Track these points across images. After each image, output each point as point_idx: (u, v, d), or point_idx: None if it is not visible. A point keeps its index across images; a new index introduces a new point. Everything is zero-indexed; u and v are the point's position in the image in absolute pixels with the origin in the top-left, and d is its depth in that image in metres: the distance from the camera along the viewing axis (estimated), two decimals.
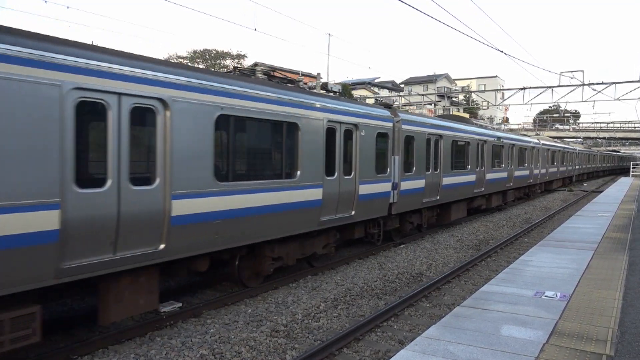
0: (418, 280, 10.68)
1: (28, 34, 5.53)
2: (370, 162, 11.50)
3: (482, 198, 20.36)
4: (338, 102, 10.72)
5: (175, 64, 7.61)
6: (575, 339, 5.30)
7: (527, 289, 7.28)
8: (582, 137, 69.27)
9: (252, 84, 8.38)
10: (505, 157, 22.33)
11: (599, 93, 33.89)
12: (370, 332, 7.44)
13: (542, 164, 30.00)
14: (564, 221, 16.11)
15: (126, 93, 6.23)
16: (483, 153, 19.30)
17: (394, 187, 12.59)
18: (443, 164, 15.61)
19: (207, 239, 7.42)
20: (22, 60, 5.22)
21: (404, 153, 13.14)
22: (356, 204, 10.98)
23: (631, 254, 10.03)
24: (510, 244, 15.12)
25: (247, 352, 6.50)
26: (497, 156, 21.16)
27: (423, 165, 14.25)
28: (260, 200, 8.33)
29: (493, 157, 20.55)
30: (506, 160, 22.39)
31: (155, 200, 6.60)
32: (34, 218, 5.30)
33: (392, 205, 12.67)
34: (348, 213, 10.86)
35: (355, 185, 10.98)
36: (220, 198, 7.55)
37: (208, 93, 7.38)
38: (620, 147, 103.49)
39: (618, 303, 6.63)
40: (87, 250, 5.85)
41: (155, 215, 6.58)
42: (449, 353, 4.86)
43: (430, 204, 14.95)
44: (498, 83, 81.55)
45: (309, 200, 9.57)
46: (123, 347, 6.68)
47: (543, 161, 30.12)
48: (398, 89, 68.20)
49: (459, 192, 17.09)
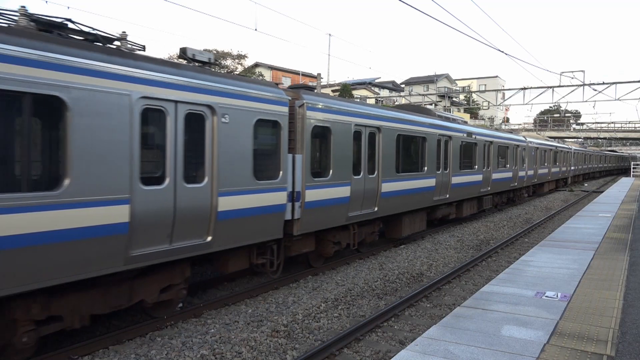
0: (418, 280, 10.68)
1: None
2: (242, 162, 8.00)
3: (449, 206, 17.10)
4: (171, 70, 7.00)
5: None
6: (576, 339, 5.29)
7: (527, 289, 7.27)
8: (583, 137, 69.23)
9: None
10: (480, 156, 19.03)
11: (599, 93, 33.91)
12: (371, 332, 7.44)
13: (530, 165, 26.94)
14: (565, 221, 16.11)
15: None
16: (447, 151, 16.06)
17: (293, 197, 9.24)
18: (383, 165, 12.01)
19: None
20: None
21: (311, 150, 9.76)
22: (214, 227, 7.49)
23: (632, 254, 10.02)
24: (510, 244, 15.12)
25: (248, 352, 6.50)
26: (467, 156, 17.92)
27: (349, 167, 10.72)
28: None
29: (462, 157, 17.28)
30: (481, 160, 19.14)
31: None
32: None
33: (293, 223, 9.34)
34: (197, 240, 7.35)
35: (212, 200, 7.47)
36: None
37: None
38: (621, 147, 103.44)
39: (619, 303, 6.62)
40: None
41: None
42: (449, 353, 4.86)
43: (364, 217, 11.51)
44: (499, 83, 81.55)
45: None
46: (124, 347, 6.68)
47: (531, 161, 27.00)
48: (399, 89, 68.21)
49: (410, 201, 13.53)
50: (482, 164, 19.32)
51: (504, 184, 22.48)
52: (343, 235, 11.28)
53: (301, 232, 9.51)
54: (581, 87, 34.06)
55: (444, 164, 15.80)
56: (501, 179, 21.87)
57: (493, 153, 20.60)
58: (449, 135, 16.00)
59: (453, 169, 16.33)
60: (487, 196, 20.78)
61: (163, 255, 6.79)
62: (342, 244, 11.30)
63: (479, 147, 19.02)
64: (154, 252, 6.66)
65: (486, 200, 20.68)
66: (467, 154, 17.84)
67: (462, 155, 17.30)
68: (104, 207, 5.96)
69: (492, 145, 20.54)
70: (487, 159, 20.09)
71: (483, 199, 20.27)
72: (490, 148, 20.35)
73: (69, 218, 5.61)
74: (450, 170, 16.13)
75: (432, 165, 14.80)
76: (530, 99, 37.18)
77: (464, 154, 17.49)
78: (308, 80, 53.63)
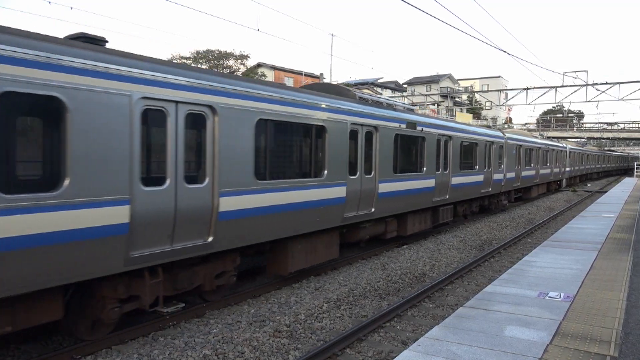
0: (421, 280, 10.67)
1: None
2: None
3: (378, 223, 12.25)
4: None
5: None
6: (579, 339, 5.28)
7: (530, 290, 7.26)
8: (586, 137, 69.07)
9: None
10: (431, 155, 14.34)
11: (602, 93, 33.80)
12: (373, 333, 7.43)
13: (510, 166, 22.38)
14: (568, 221, 16.08)
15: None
16: (373, 149, 11.52)
17: None
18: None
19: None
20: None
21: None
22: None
23: (635, 254, 10.00)
24: (513, 244, 15.09)
25: (250, 352, 6.51)
26: (411, 154, 13.51)
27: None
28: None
29: (401, 157, 12.78)
30: (433, 160, 14.48)
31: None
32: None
33: None
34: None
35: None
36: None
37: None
38: (624, 148, 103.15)
39: (622, 304, 6.60)
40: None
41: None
42: (452, 354, 4.85)
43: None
44: (501, 83, 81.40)
45: None
46: (126, 347, 6.69)
47: (511, 162, 22.57)
48: (401, 89, 68.15)
49: (297, 219, 9.16)
50: (434, 166, 14.54)
51: (472, 189, 18.03)
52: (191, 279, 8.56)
53: None
54: (584, 87, 33.97)
55: (366, 166, 11.20)
56: (467, 184, 17.32)
57: (453, 151, 15.95)
58: (373, 125, 11.36)
59: (382, 172, 11.70)
60: (445, 207, 15.99)
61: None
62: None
63: (429, 143, 14.21)
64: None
65: (445, 212, 15.92)
66: (409, 152, 13.41)
67: (401, 153, 12.76)
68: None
69: (452, 142, 15.87)
70: (445, 159, 15.42)
71: (439, 210, 15.57)
72: (448, 145, 15.69)
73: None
74: (377, 175, 11.49)
75: (340, 168, 10.19)
76: (533, 99, 37.15)
77: (404, 152, 13.01)
78: (310, 81, 53.66)
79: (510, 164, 22.58)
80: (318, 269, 10.94)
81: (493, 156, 20.11)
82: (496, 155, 20.53)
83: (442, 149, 15.27)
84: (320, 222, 9.77)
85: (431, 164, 14.39)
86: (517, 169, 23.83)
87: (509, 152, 22.26)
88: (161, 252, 6.68)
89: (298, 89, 10.29)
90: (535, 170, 27.48)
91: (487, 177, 19.44)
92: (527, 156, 25.74)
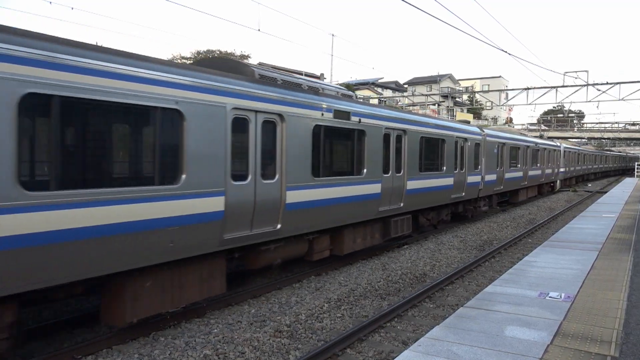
0: (421, 280, 10.67)
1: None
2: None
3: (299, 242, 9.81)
4: None
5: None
6: (579, 340, 5.28)
7: (531, 290, 7.26)
8: (587, 137, 69.10)
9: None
10: (374, 153, 11.41)
11: (603, 93, 33.81)
12: (374, 333, 7.44)
13: (490, 167, 19.49)
14: (569, 222, 16.07)
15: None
16: (282, 145, 8.79)
17: None
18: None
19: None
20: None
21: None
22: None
23: (636, 254, 9.99)
24: (514, 244, 15.08)
25: (251, 352, 6.51)
26: (342, 153, 10.90)
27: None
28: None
29: (330, 156, 10.28)
30: (376, 160, 11.52)
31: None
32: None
33: None
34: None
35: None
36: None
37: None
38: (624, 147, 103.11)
39: (622, 304, 6.60)
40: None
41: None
42: (452, 354, 4.85)
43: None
44: (502, 83, 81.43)
45: None
46: (127, 347, 6.70)
47: (491, 162, 19.65)
48: (401, 89, 68.17)
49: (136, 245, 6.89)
50: (380, 167, 11.61)
51: (438, 195, 14.94)
52: None
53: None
54: (585, 87, 33.97)
55: (269, 170, 8.59)
56: (430, 189, 14.24)
57: (409, 149, 12.95)
58: (277, 112, 8.59)
59: (294, 176, 9.00)
60: (401, 217, 12.95)
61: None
62: None
63: (372, 138, 11.23)
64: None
65: (399, 223, 12.91)
66: (340, 149, 10.86)
67: (327, 151, 10.14)
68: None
69: (407, 137, 12.79)
70: (397, 159, 12.45)
71: (391, 221, 12.58)
72: (402, 141, 12.72)
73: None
74: (284, 180, 8.77)
75: (208, 173, 7.35)
76: (534, 99, 37.07)
77: (331, 150, 10.38)
78: None
79: (491, 165, 19.73)
80: (319, 269, 10.94)
81: (467, 155, 17.08)
82: (471, 154, 17.54)
83: (393, 146, 12.22)
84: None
85: (375, 165, 11.38)
86: (500, 170, 21.08)
87: (488, 150, 19.39)
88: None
89: None
90: (522, 171, 24.55)
91: (459, 180, 16.37)
92: (512, 156, 22.80)
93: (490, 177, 19.61)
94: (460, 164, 16.62)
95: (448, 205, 16.47)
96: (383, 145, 11.80)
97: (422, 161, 13.76)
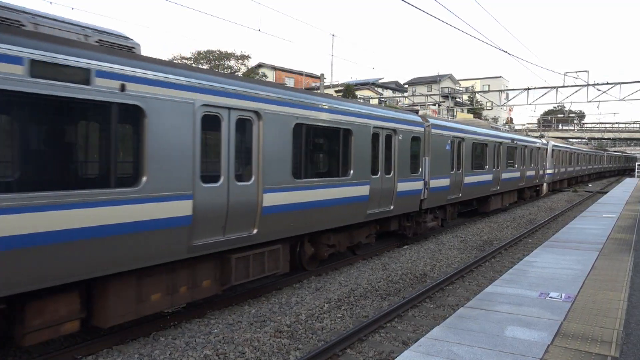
0: (422, 281, 10.66)
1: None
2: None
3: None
4: None
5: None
6: (580, 340, 5.28)
7: (531, 290, 7.26)
8: (587, 137, 69.09)
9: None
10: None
11: (603, 93, 33.82)
12: (374, 333, 7.43)
13: (439, 169, 14.76)
14: (569, 222, 16.07)
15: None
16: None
17: None
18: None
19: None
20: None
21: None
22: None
23: (636, 255, 9.99)
24: (514, 244, 15.08)
25: (251, 352, 6.51)
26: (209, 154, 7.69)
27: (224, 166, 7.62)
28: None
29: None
30: (230, 162, 7.74)
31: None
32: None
33: None
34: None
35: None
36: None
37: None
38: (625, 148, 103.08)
39: (623, 304, 6.60)
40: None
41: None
42: (452, 354, 4.85)
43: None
44: (502, 83, 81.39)
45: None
46: (127, 347, 6.70)
47: (441, 163, 14.96)
48: (402, 89, 68.16)
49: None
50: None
51: (339, 211, 10.30)
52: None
53: None
54: (585, 88, 33.98)
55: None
56: (333, 202, 10.08)
57: (265, 145, 8.33)
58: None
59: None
60: (259, 249, 8.48)
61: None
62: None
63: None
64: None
65: (251, 263, 8.31)
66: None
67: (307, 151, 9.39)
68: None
69: (263, 124, 8.25)
70: (239, 158, 7.98)
71: (249, 260, 8.29)
72: (250, 131, 8.15)
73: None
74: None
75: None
76: (534, 99, 37.09)
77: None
78: (312, 81, 53.71)
79: (440, 166, 14.92)
80: (319, 269, 10.94)
81: (396, 154, 12.28)
82: (405, 152, 12.71)
83: (256, 145, 8.18)
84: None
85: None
86: (457, 172, 16.35)
87: (436, 147, 14.57)
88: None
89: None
90: (492, 173, 19.73)
91: (377, 188, 11.51)
92: (476, 154, 18.11)
93: (439, 182, 14.81)
94: (383, 167, 11.82)
95: (357, 228, 11.60)
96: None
97: (306, 162, 9.54)
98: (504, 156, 21.34)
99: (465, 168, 16.94)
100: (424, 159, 13.92)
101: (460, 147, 16.66)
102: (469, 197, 17.76)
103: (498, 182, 20.67)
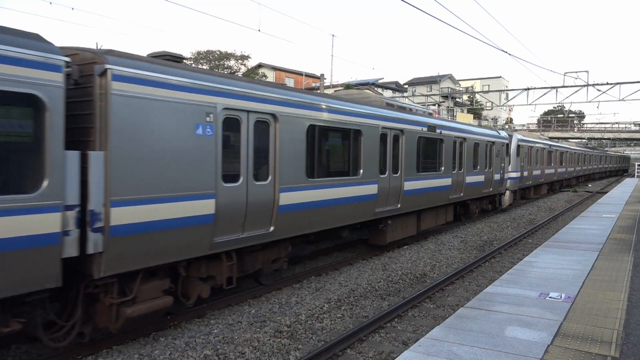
0: (422, 281, 10.66)
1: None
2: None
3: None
4: None
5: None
6: (580, 340, 5.28)
7: (531, 290, 7.26)
8: (587, 137, 69.06)
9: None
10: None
11: (603, 94, 33.84)
12: (374, 333, 7.43)
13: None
14: (569, 222, 16.08)
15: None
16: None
17: None
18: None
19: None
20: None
21: None
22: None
23: (636, 255, 9.99)
24: (514, 245, 15.08)
25: (251, 352, 6.51)
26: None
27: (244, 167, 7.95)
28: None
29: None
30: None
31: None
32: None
33: None
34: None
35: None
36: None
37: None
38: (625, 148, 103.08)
39: (623, 304, 6.60)
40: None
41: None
42: (452, 354, 4.85)
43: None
44: (502, 84, 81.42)
45: None
46: (127, 348, 6.69)
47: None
48: (402, 89, 68.15)
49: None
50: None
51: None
52: None
53: None
54: (585, 88, 34.00)
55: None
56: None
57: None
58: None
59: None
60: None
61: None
62: None
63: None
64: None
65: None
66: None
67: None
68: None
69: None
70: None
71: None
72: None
73: None
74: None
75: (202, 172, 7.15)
76: (534, 100, 37.11)
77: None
78: (312, 81, 53.66)
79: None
80: (319, 270, 10.94)
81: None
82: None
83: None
84: None
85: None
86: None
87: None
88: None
89: None
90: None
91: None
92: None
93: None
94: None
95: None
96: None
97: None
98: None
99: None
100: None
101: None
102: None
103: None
